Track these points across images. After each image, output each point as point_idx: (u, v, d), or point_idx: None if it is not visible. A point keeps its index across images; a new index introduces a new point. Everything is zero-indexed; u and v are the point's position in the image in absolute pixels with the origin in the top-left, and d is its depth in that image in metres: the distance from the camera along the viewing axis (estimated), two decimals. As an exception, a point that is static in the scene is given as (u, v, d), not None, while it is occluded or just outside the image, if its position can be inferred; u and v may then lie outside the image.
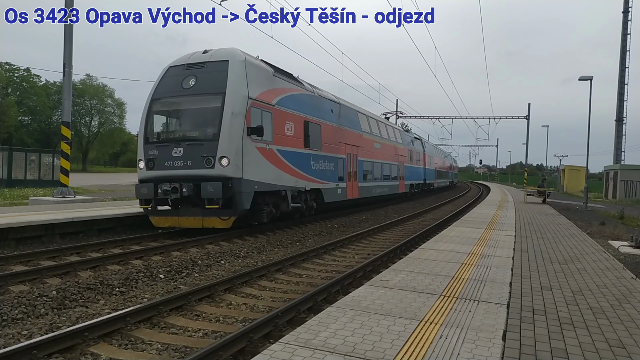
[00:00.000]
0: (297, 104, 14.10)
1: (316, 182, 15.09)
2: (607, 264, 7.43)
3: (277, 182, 12.52)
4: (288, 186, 13.17)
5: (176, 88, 11.63)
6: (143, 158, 11.45)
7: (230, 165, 10.65)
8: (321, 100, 16.36)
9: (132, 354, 4.68)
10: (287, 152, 13.12)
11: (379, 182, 22.79)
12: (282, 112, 12.94)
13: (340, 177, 17.41)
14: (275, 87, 12.85)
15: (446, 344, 3.62)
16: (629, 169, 33.73)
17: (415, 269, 6.45)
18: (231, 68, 11.22)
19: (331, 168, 16.54)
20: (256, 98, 11.58)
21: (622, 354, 3.67)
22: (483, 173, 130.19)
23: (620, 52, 34.76)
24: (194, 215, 11.11)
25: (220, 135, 10.68)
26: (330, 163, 16.49)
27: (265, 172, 11.94)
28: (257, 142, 11.52)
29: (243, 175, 10.92)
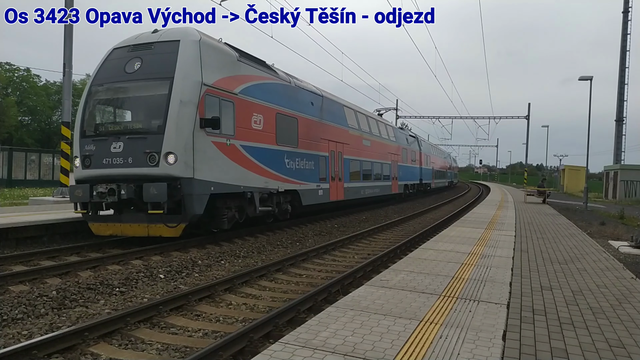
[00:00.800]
0: (268, 94, 12.41)
1: (292, 182, 13.58)
2: (607, 264, 7.43)
3: (241, 182, 11.00)
4: (255, 187, 11.64)
5: (118, 73, 10.08)
6: (79, 155, 9.95)
7: (178, 162, 9.17)
8: (298, 91, 14.64)
9: (132, 354, 4.68)
10: (254, 149, 11.54)
11: (368, 183, 21.18)
12: (247, 103, 11.31)
13: (322, 177, 15.82)
14: (240, 73, 11.21)
15: (446, 344, 3.62)
16: (629, 169, 33.74)
17: (415, 269, 6.45)
18: (182, 49, 9.67)
19: (311, 167, 14.95)
20: (213, 85, 10.03)
21: (622, 354, 3.67)
22: (483, 173, 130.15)
23: (620, 52, 34.77)
24: (138, 222, 9.64)
25: (166, 128, 9.17)
26: (310, 161, 14.91)
27: (225, 171, 10.40)
28: (213, 136, 9.98)
29: (194, 175, 9.42)
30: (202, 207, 9.67)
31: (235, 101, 10.83)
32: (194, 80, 9.55)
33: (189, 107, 9.37)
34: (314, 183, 15.14)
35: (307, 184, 14.64)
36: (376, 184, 22.29)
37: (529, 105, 42.59)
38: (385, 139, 24.48)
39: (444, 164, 49.21)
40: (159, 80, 9.54)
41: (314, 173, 15.26)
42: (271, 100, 12.52)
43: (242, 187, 11.03)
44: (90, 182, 9.61)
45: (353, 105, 20.56)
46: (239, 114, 10.96)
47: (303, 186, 14.29)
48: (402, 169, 27.60)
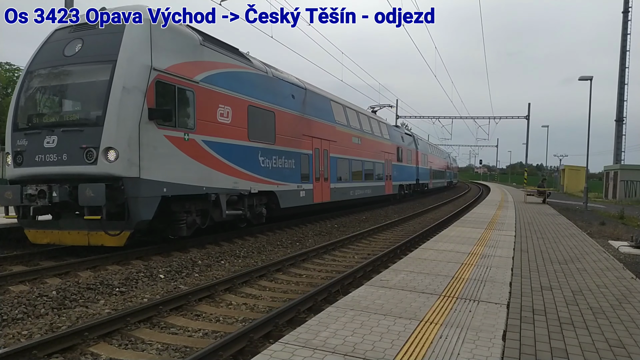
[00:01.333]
0: (238, 83, 11.11)
1: (267, 182, 12.35)
2: (607, 264, 7.43)
3: (204, 183, 9.75)
4: (221, 188, 10.36)
5: (56, 56, 8.82)
6: (10, 151, 8.76)
7: (120, 160, 7.93)
8: (277, 82, 13.30)
9: (132, 354, 4.68)
10: (220, 145, 10.27)
11: (358, 183, 19.83)
12: (212, 93, 10.03)
13: (304, 177, 14.56)
14: (203, 59, 9.96)
15: (446, 344, 3.62)
16: (629, 169, 33.74)
17: (415, 269, 6.45)
18: (129, 29, 8.45)
19: (290, 166, 13.67)
20: (166, 70, 8.79)
21: (622, 354, 3.67)
22: (483, 173, 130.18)
23: (620, 52, 34.77)
24: (77, 229, 8.48)
25: (105, 119, 7.95)
26: (290, 160, 13.64)
27: (183, 169, 9.14)
28: (167, 130, 8.73)
29: (141, 174, 8.19)
30: (150, 212, 8.43)
31: (196, 90, 9.53)
32: (142, 63, 8.31)
33: (134, 94, 8.13)
34: (294, 183, 13.92)
35: (287, 185, 13.41)
36: (368, 185, 21.05)
37: (529, 105, 42.60)
38: (378, 136, 23.25)
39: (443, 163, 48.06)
40: (100, 63, 8.27)
41: (295, 173, 14.00)
42: (242, 90, 11.22)
43: (204, 189, 9.78)
44: (22, 183, 8.47)
45: (341, 99, 19.28)
46: (201, 104, 9.68)
47: (281, 187, 13.07)
48: (397, 168, 26.38)
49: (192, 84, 9.43)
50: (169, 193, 8.80)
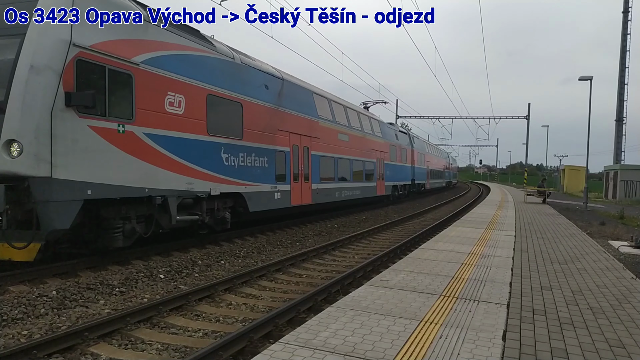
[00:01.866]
0: (195, 69, 9.69)
1: (233, 183, 10.88)
2: (607, 264, 7.43)
3: (146, 183, 8.32)
4: (171, 190, 8.90)
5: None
6: None
7: (25, 155, 6.51)
8: (245, 70, 11.70)
9: (132, 354, 4.68)
10: (168, 139, 8.86)
11: (345, 184, 18.36)
12: (158, 78, 8.63)
13: (280, 177, 13.13)
14: (147, 38, 8.53)
15: (446, 344, 3.62)
16: (629, 169, 33.73)
17: (415, 269, 6.45)
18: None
19: (262, 164, 12.22)
20: (93, 47, 7.34)
21: (622, 354, 3.67)
22: (483, 173, 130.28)
23: (620, 52, 34.76)
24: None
25: (8, 105, 6.54)
26: (261, 157, 12.18)
27: (116, 168, 7.72)
28: (92, 119, 7.25)
29: (53, 173, 6.77)
30: (67, 220, 7.02)
31: (136, 74, 8.13)
32: (57, 38, 6.94)
33: (45, 75, 6.76)
34: (267, 184, 12.44)
35: (257, 185, 11.96)
36: (356, 185, 19.59)
37: (529, 105, 42.56)
38: (369, 133, 21.77)
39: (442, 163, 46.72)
40: (6, 38, 6.96)
41: (268, 172, 12.52)
42: (200, 77, 9.80)
43: (147, 190, 8.35)
44: None
45: (326, 93, 17.81)
46: (143, 91, 8.27)
47: (251, 188, 11.61)
48: (390, 168, 24.93)
49: (130, 65, 8.03)
50: (95, 196, 7.31)
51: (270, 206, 12.69)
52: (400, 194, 27.63)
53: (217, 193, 10.29)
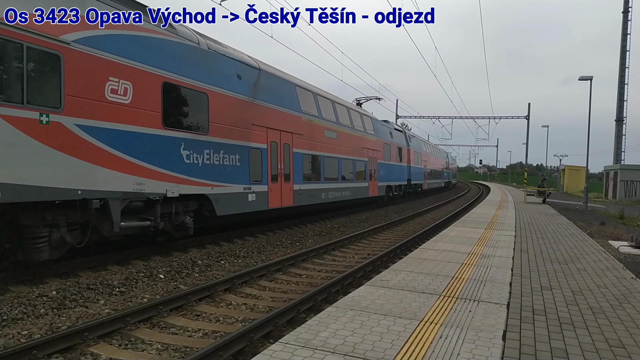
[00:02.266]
0: (148, 52, 8.50)
1: (196, 183, 9.67)
2: (607, 264, 7.43)
3: (79, 184, 7.17)
4: (113, 191, 7.68)
5: None
6: None
7: None
8: (213, 57, 10.46)
9: (132, 354, 4.68)
10: (109, 132, 7.66)
11: (333, 184, 17.14)
12: (96, 60, 7.43)
13: (254, 177, 11.88)
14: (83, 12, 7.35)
15: (446, 344, 3.62)
16: (629, 169, 33.73)
17: (415, 269, 6.45)
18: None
19: (233, 162, 10.97)
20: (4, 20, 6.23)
21: (622, 354, 3.67)
22: (483, 173, 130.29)
23: (620, 52, 34.76)
24: None
25: None
26: (232, 155, 10.92)
27: (38, 165, 6.60)
28: (3, 107, 6.17)
29: None
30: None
31: (66, 54, 6.98)
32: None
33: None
34: (239, 184, 11.22)
35: (227, 186, 10.70)
36: (345, 186, 18.39)
37: (529, 105, 42.60)
38: (360, 131, 20.44)
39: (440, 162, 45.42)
40: None
41: (240, 171, 11.27)
42: (154, 62, 8.63)
43: (79, 192, 7.17)
44: None
45: (312, 86, 16.50)
46: (75, 75, 7.13)
47: (218, 189, 10.40)
48: (384, 167, 23.70)
49: (57, 44, 6.87)
50: (6, 199, 6.20)
51: (243, 209, 11.42)
52: (395, 194, 26.41)
53: (176, 195, 9.07)
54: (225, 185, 10.66)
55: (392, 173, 25.35)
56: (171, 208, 9.20)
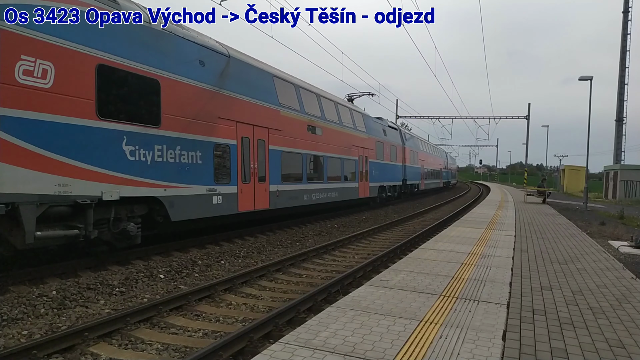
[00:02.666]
0: (74, 28, 7.16)
1: (144, 184, 8.36)
2: (607, 264, 7.43)
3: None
4: (23, 194, 6.41)
5: None
6: None
7: None
8: (167, 38, 9.11)
9: (132, 354, 4.68)
10: (19, 122, 6.39)
11: (317, 184, 15.77)
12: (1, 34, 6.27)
13: (221, 176, 10.55)
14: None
15: (446, 344, 3.62)
16: (629, 169, 33.75)
17: (415, 269, 6.45)
18: None
19: (193, 160, 9.63)
20: None
21: (622, 354, 3.67)
22: (483, 173, 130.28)
23: (620, 52, 34.77)
24: None
25: None
26: (191, 151, 9.56)
27: None
28: None
29: None
30: None
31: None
32: None
33: None
34: (201, 185, 9.84)
35: (185, 187, 9.36)
36: (332, 186, 17.04)
37: (529, 105, 42.58)
38: (349, 128, 19.16)
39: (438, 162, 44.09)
40: None
41: (203, 170, 9.92)
42: (85, 40, 7.32)
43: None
44: None
45: (294, 78, 15.20)
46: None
47: (174, 190, 9.05)
48: (377, 166, 22.39)
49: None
50: None
51: (206, 213, 10.04)
52: (389, 195, 25.10)
53: (115, 198, 7.75)
54: (182, 186, 9.32)
55: (385, 173, 24.12)
56: (109, 213, 7.88)
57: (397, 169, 26.71)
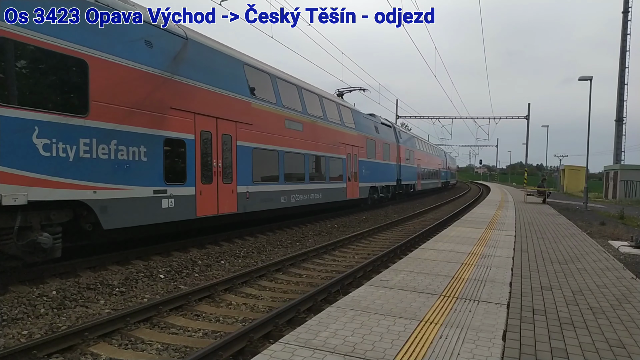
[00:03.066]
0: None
1: (64, 185, 7.01)
2: (607, 264, 7.43)
3: None
4: None
5: None
6: None
7: None
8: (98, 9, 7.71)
9: (132, 354, 4.68)
10: None
11: (297, 185, 14.42)
12: None
13: (174, 176, 9.16)
14: None
15: (446, 344, 3.62)
16: (629, 169, 33.75)
17: (415, 269, 6.45)
18: None
19: (136, 157, 8.24)
20: None
21: (622, 354, 3.67)
22: (483, 173, 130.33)
23: (620, 52, 34.77)
24: None
25: None
26: (132, 146, 8.19)
27: None
28: None
29: None
30: None
31: None
32: None
33: None
34: (145, 186, 8.47)
35: (124, 189, 7.99)
36: (315, 187, 15.69)
37: (529, 105, 42.61)
38: (336, 124, 17.76)
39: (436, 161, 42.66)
40: None
41: (148, 168, 8.54)
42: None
43: None
44: None
45: (269, 66, 13.82)
46: None
47: (107, 193, 7.68)
48: (368, 166, 21.05)
49: None
50: None
51: (153, 219, 8.66)
52: (381, 196, 23.63)
53: (21, 202, 6.36)
54: (119, 187, 7.91)
55: (377, 172, 22.67)
56: (13, 222, 6.46)
57: (391, 169, 25.41)
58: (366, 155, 20.99)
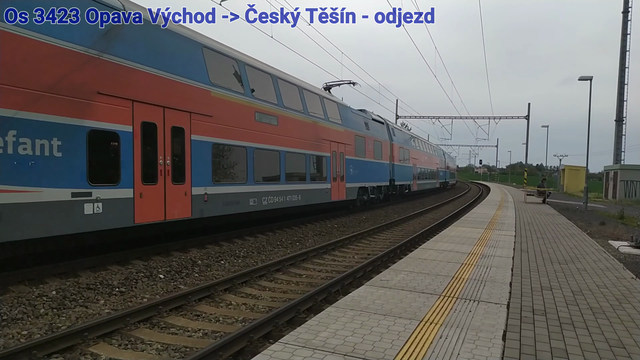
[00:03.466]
0: None
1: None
2: (607, 264, 7.43)
3: None
4: None
5: None
6: None
7: None
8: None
9: (132, 354, 4.68)
10: None
11: (269, 186, 12.92)
12: None
13: (100, 176, 7.71)
14: None
15: (446, 344, 3.62)
16: (629, 169, 33.74)
17: (415, 269, 6.45)
18: None
19: (46, 152, 6.79)
20: None
21: (622, 354, 3.67)
22: (483, 173, 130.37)
23: (620, 52, 34.77)
24: None
25: None
26: (42, 139, 6.72)
27: None
28: None
29: None
30: None
31: None
32: None
33: None
34: (60, 188, 7.02)
35: (29, 192, 6.56)
36: (293, 188, 14.20)
37: (529, 105, 42.62)
38: (319, 118, 16.22)
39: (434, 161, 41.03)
40: None
41: (65, 166, 7.09)
42: None
43: None
44: None
45: (238, 52, 12.29)
46: None
47: (3, 197, 6.26)
48: (356, 164, 19.57)
49: None
50: None
51: (71, 228, 7.23)
52: (372, 197, 22.09)
53: None
54: (21, 189, 6.45)
55: (367, 172, 21.04)
56: None
57: (383, 168, 23.76)
58: (354, 153, 19.51)
